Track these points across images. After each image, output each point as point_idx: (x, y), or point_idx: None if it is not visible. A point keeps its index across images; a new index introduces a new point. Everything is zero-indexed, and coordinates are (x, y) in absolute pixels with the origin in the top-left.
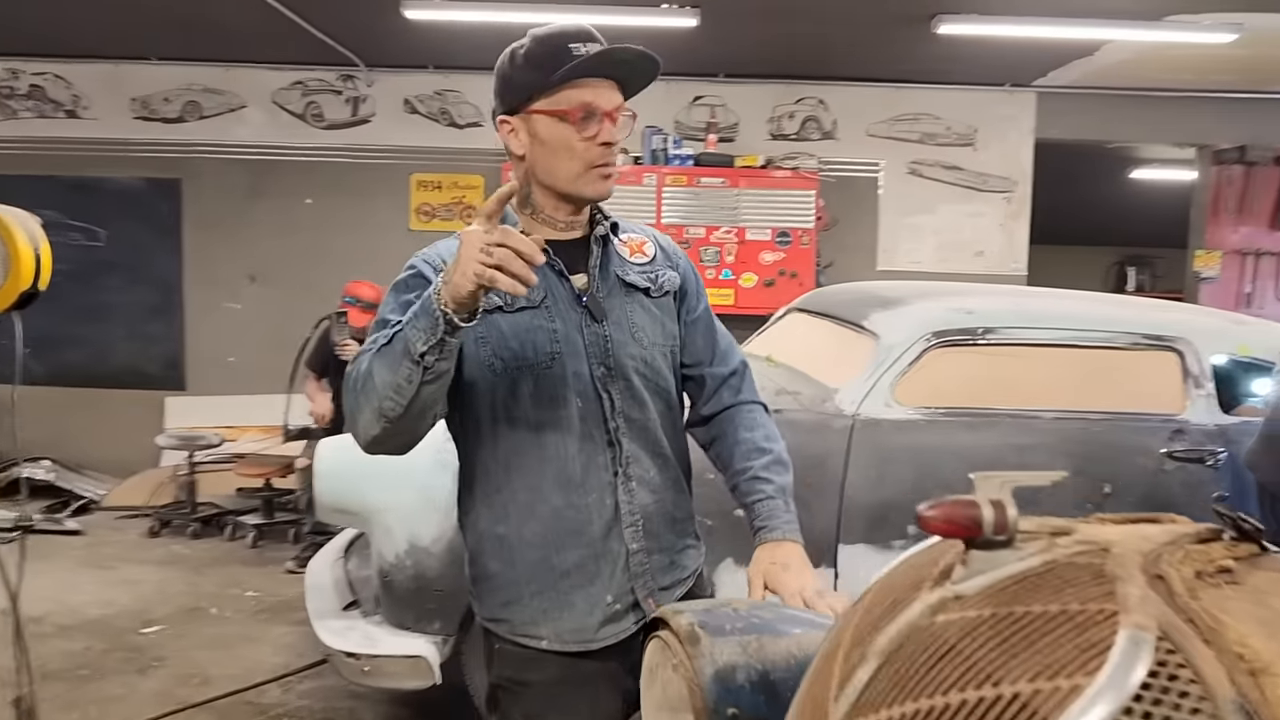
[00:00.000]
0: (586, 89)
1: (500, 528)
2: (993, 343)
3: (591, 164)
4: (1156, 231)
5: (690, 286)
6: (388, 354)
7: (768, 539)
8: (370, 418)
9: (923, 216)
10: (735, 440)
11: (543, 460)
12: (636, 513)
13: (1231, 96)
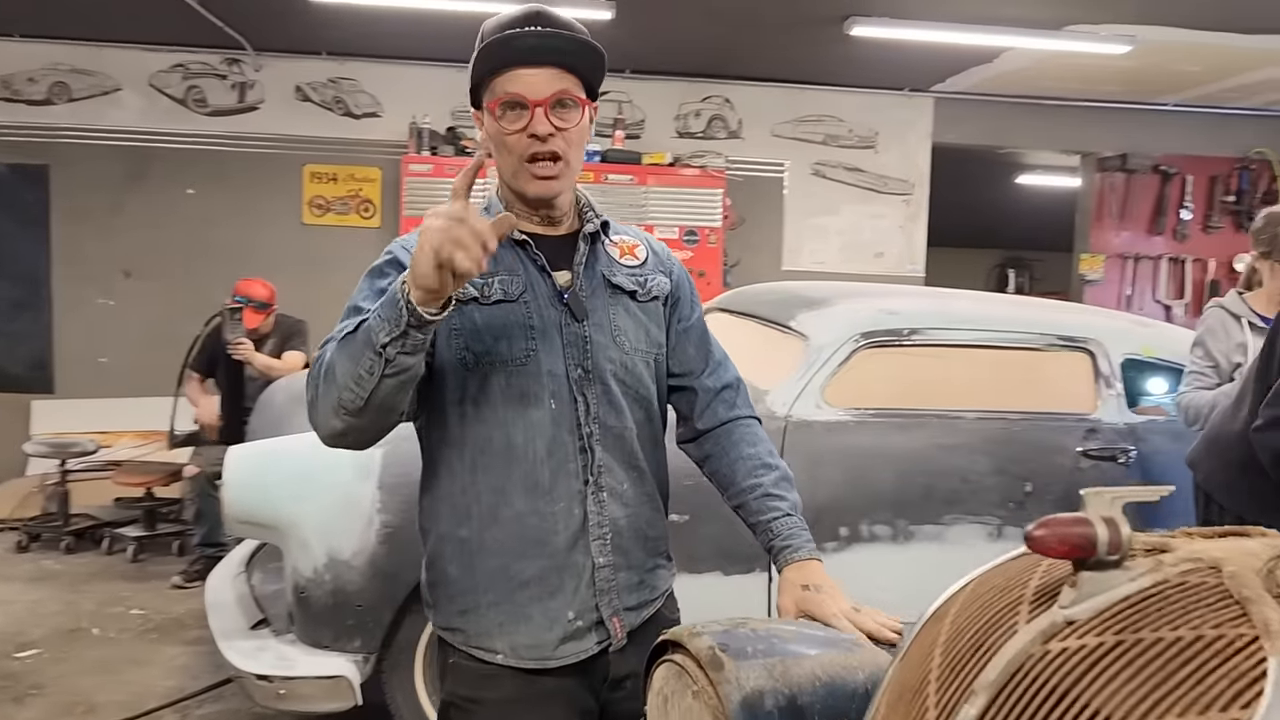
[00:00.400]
0: (519, 79)
1: (462, 530)
2: (918, 343)
3: (525, 158)
4: (1036, 235)
5: (683, 294)
6: (350, 343)
7: (793, 559)
8: (329, 409)
9: (826, 217)
10: (738, 456)
11: (510, 462)
12: (606, 525)
13: (1115, 106)
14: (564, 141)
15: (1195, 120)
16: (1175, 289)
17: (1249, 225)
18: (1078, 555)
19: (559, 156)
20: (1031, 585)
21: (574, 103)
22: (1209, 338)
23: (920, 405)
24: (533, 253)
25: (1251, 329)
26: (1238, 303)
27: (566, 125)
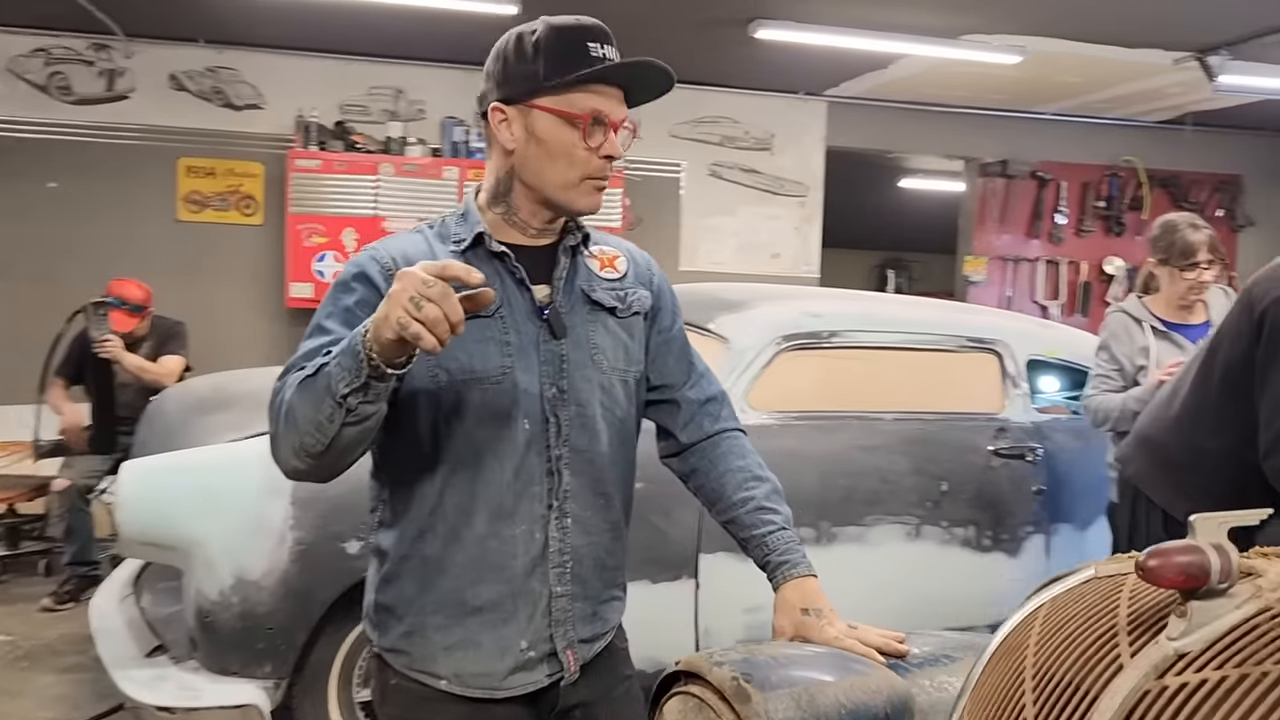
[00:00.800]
0: (599, 96)
1: (426, 548)
2: (838, 345)
3: (589, 175)
4: (916, 238)
5: (664, 304)
6: (310, 388)
7: (790, 576)
8: (290, 451)
9: (723, 218)
10: (726, 469)
11: (476, 481)
12: (567, 553)
13: (997, 114)
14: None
15: (1070, 129)
16: (1051, 290)
17: (1118, 229)
18: (1192, 585)
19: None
20: (1122, 614)
21: (628, 129)
22: (1113, 342)
23: (841, 407)
24: (511, 265)
25: (1154, 333)
26: (1139, 307)
27: (625, 149)
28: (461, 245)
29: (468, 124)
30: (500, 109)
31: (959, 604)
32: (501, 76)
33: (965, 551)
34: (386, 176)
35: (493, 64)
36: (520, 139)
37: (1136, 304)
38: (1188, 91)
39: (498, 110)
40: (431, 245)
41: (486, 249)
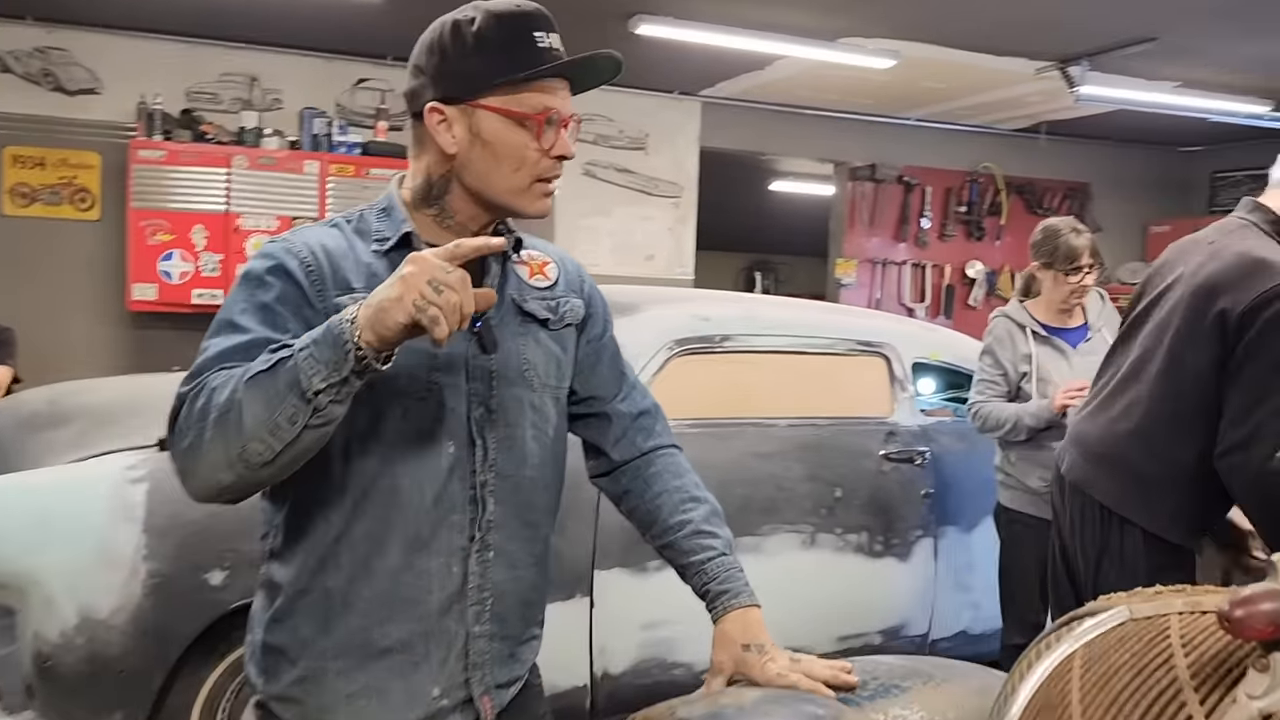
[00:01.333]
0: (550, 92)
1: (328, 581)
2: (730, 350)
3: (540, 178)
4: (785, 240)
5: (595, 310)
6: (264, 385)
7: (732, 606)
8: (221, 461)
9: (598, 218)
10: (661, 490)
11: (391, 508)
12: (487, 589)
13: (865, 119)
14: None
15: (934, 135)
16: (917, 293)
17: (978, 234)
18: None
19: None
20: (1180, 666)
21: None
22: (997, 347)
23: (734, 414)
24: None
25: (1035, 338)
26: (1021, 312)
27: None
28: (385, 245)
29: (329, 115)
30: (439, 109)
31: (853, 612)
32: (438, 73)
33: (858, 558)
34: (240, 170)
35: (426, 58)
36: (463, 141)
37: (1018, 308)
38: (1045, 101)
39: (436, 111)
40: (350, 241)
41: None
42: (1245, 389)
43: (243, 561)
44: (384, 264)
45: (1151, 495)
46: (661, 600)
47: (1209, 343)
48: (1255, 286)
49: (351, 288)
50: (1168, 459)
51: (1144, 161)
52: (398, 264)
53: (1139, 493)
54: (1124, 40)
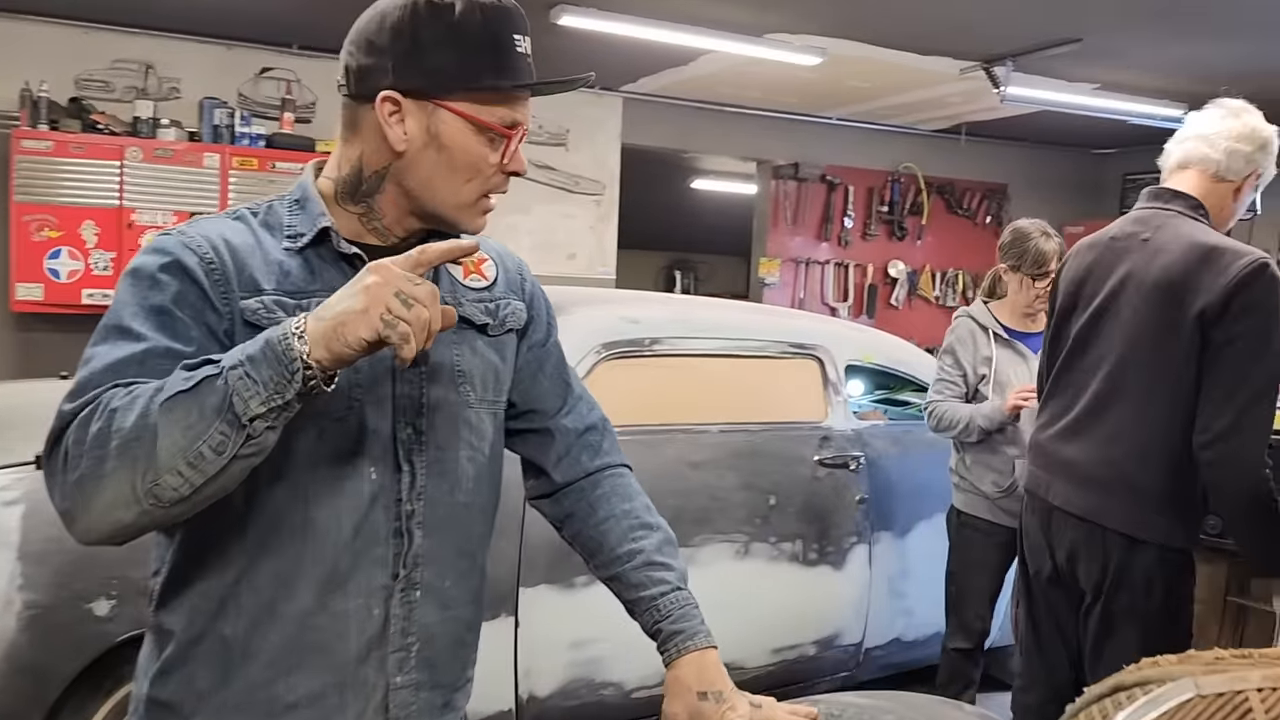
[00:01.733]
0: (519, 105)
1: (226, 627)
2: (659, 353)
3: (488, 193)
4: (706, 239)
5: (537, 313)
6: (186, 407)
7: (686, 649)
8: (125, 496)
9: (517, 216)
10: (608, 515)
11: (303, 543)
12: (413, 634)
13: (788, 118)
14: None
15: (856, 134)
16: (840, 292)
17: (900, 234)
18: None
19: None
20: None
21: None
22: (959, 347)
23: (665, 420)
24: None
25: (997, 340)
26: (985, 314)
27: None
28: (299, 241)
29: (230, 105)
30: (395, 100)
31: (788, 623)
32: (404, 59)
33: (793, 567)
34: (134, 162)
35: (390, 38)
36: (416, 140)
37: (982, 310)
38: (966, 101)
39: (390, 101)
40: (257, 235)
41: (333, 249)
42: (1225, 376)
43: (131, 590)
44: (297, 263)
45: (1170, 512)
46: (589, 617)
47: (1186, 340)
48: (1220, 273)
49: (260, 289)
50: (1177, 470)
51: (1059, 163)
52: (313, 264)
53: (1156, 512)
54: (1049, 41)
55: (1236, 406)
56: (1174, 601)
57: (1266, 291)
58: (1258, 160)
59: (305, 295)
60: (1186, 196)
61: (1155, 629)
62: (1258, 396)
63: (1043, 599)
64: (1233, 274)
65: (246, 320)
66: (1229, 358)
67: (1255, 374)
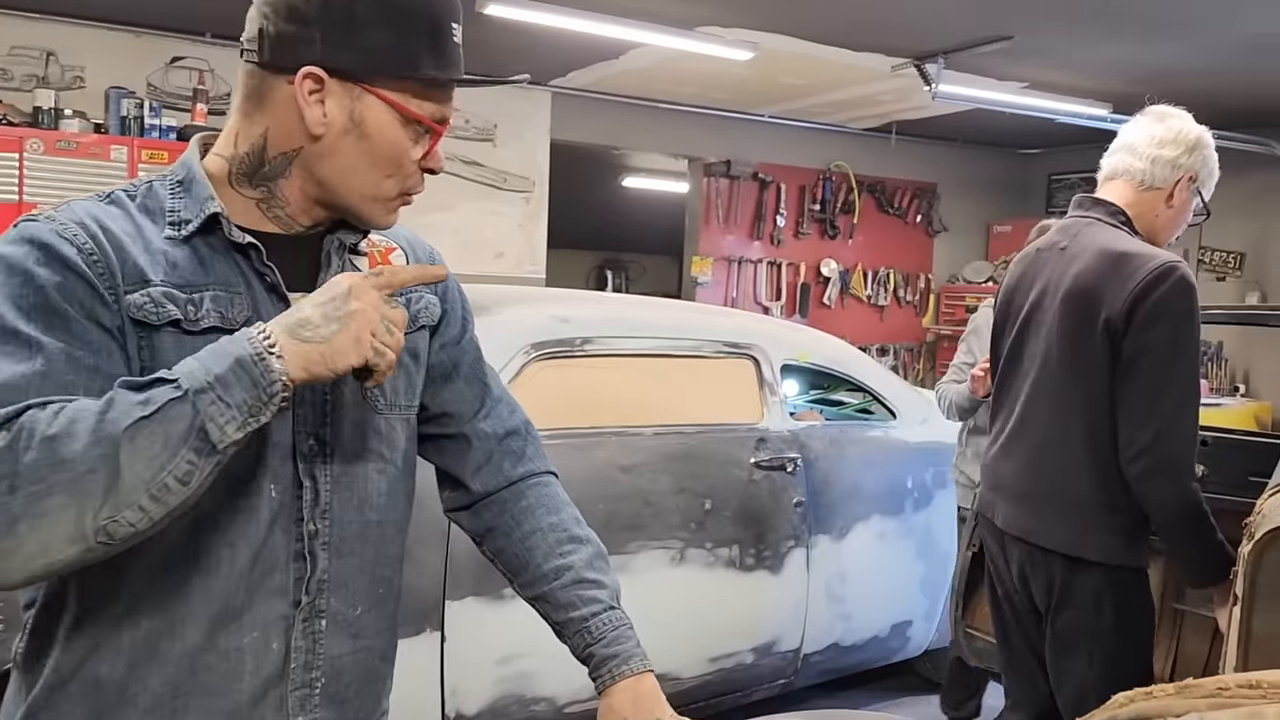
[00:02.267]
0: (447, 99)
1: (102, 667)
2: (591, 353)
3: (406, 191)
4: (634, 237)
5: (451, 309)
6: (150, 435)
7: (621, 674)
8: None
9: (442, 214)
10: (533, 529)
11: (193, 572)
12: (318, 668)
13: (720, 114)
14: None
15: (788, 132)
16: (773, 291)
17: (832, 232)
18: None
19: None
20: None
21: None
22: (974, 336)
23: (597, 423)
24: (260, 264)
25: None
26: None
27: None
28: (183, 229)
29: (139, 95)
30: (318, 77)
31: (725, 630)
32: (335, 34)
33: (729, 573)
34: (35, 155)
35: (319, 8)
36: (336, 124)
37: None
38: (898, 99)
39: (313, 78)
40: (136, 221)
41: (225, 238)
42: (1143, 388)
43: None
44: (183, 253)
45: (1108, 527)
46: (518, 631)
47: (1099, 349)
48: (1128, 280)
49: (147, 280)
50: (1106, 482)
51: (987, 163)
52: (202, 254)
53: (1094, 528)
54: (981, 39)
55: (1158, 417)
56: (1127, 619)
57: (1175, 295)
58: (1185, 164)
59: (197, 289)
60: (1107, 204)
61: (1111, 649)
62: (1179, 405)
63: (1011, 618)
64: (1137, 280)
65: (133, 318)
66: (1143, 368)
67: (1173, 381)
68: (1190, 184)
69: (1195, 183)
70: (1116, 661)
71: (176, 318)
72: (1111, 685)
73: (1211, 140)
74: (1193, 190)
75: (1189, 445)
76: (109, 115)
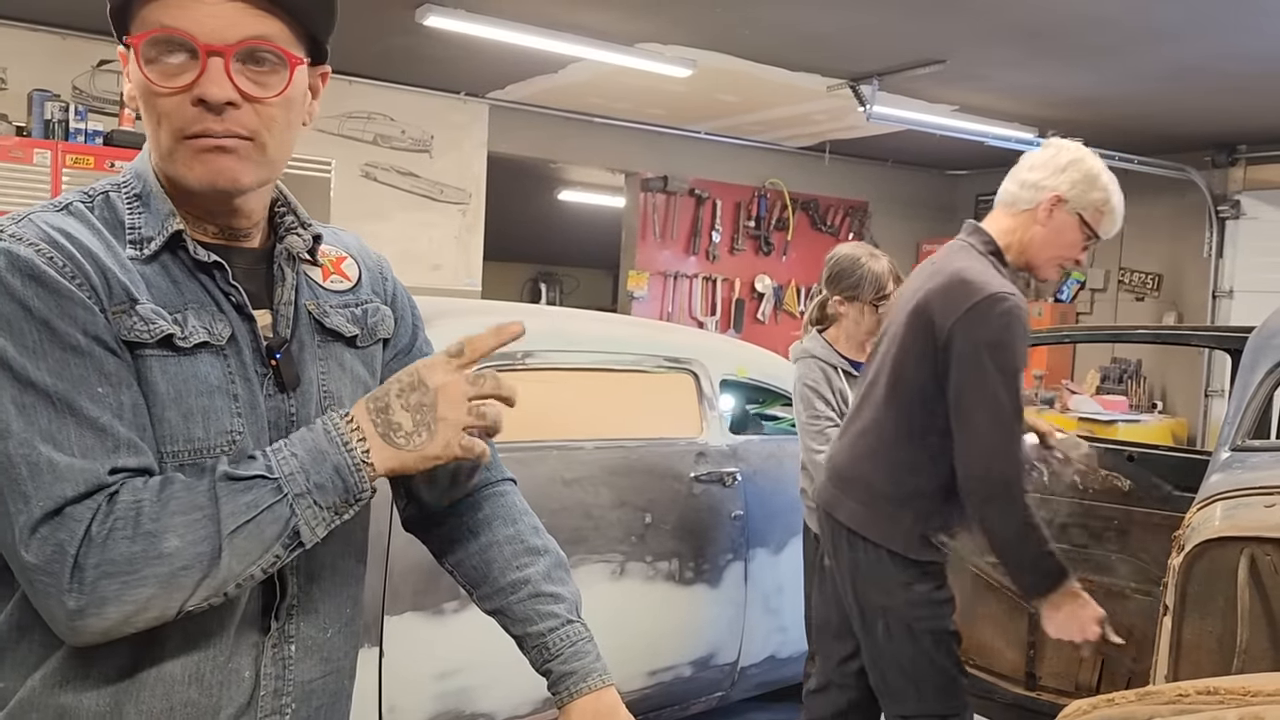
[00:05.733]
0: (176, 5)
1: (65, 695)
2: (531, 367)
3: (181, 133)
4: (569, 251)
5: (402, 316)
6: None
7: (580, 690)
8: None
9: (377, 224)
10: (490, 540)
11: None
12: (288, 694)
13: (656, 130)
14: (255, 117)
15: (724, 149)
16: (708, 306)
17: (766, 249)
18: None
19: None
20: None
21: (276, 58)
22: (820, 388)
23: (538, 437)
24: (226, 284)
25: (846, 376)
26: (829, 351)
27: (262, 92)
28: (146, 248)
29: (64, 98)
30: (123, 54)
31: (663, 644)
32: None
33: (669, 586)
34: None
35: None
36: (133, 94)
37: (825, 348)
38: (832, 119)
39: (121, 55)
40: (104, 236)
41: (189, 256)
42: (954, 400)
43: None
44: (153, 270)
45: (887, 514)
46: (457, 645)
47: (926, 360)
48: (959, 303)
49: (133, 299)
50: (899, 478)
51: (917, 183)
52: (172, 273)
53: (876, 512)
54: (914, 62)
55: (982, 446)
56: (917, 604)
57: (995, 327)
58: (1050, 184)
59: (177, 310)
60: (982, 232)
61: (902, 628)
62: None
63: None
64: (963, 307)
65: (124, 339)
66: (953, 383)
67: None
68: (1060, 204)
69: (1067, 204)
70: (914, 640)
71: (169, 333)
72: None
73: (1097, 168)
74: (1068, 211)
75: (1016, 468)
76: (32, 118)
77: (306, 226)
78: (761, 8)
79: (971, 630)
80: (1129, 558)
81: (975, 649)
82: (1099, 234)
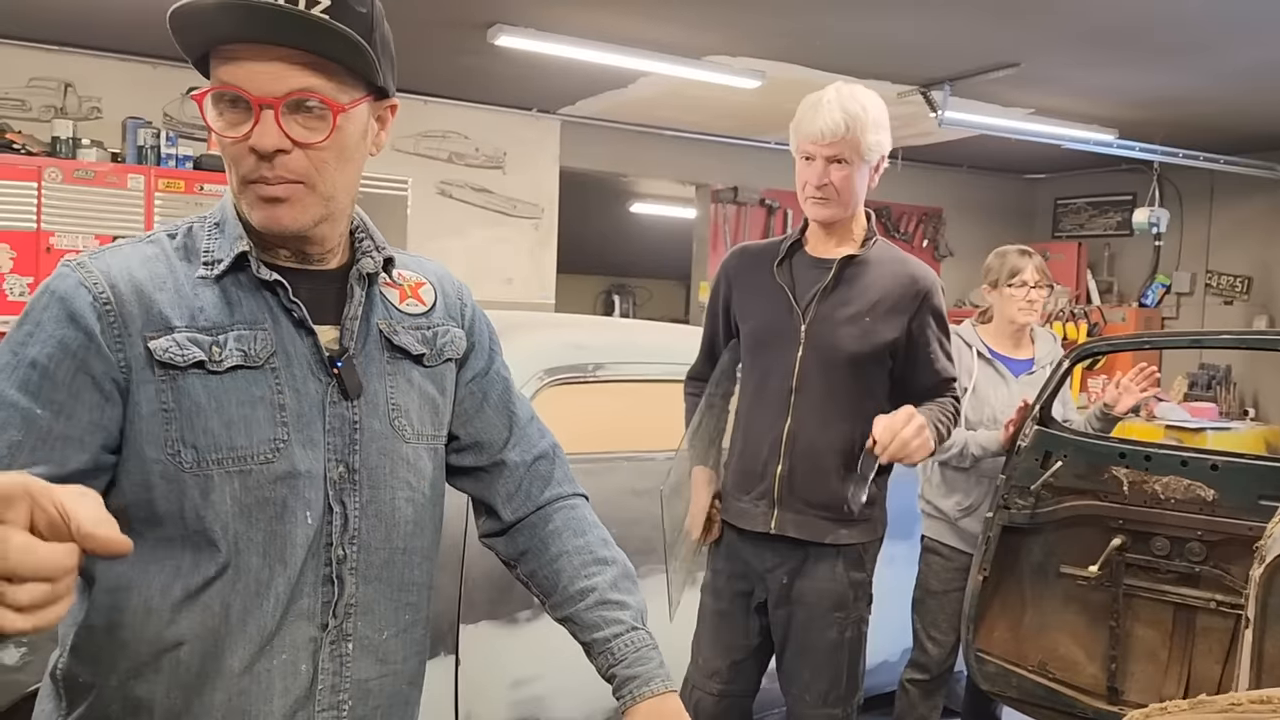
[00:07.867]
0: (232, 62)
1: (141, 688)
2: (605, 379)
3: (245, 179)
4: (641, 262)
5: (479, 341)
6: None
7: (642, 695)
8: None
9: (452, 240)
10: (560, 551)
11: (232, 596)
12: (345, 691)
13: (726, 141)
14: (306, 161)
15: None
16: None
17: None
18: None
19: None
20: None
21: (322, 107)
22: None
23: (610, 448)
24: (287, 300)
25: (979, 358)
26: (971, 333)
27: (311, 138)
28: (215, 269)
29: (156, 125)
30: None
31: None
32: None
33: None
34: (53, 184)
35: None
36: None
37: (970, 330)
38: (904, 126)
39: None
40: (171, 264)
41: (253, 276)
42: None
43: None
44: (214, 293)
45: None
46: (531, 654)
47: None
48: None
49: (170, 326)
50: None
51: (992, 188)
52: (231, 294)
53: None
54: (987, 66)
55: None
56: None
57: None
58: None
59: (221, 331)
60: None
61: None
62: None
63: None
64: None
65: (157, 359)
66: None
67: None
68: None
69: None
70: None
71: (201, 359)
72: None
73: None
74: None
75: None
76: (126, 145)
77: (380, 250)
78: (830, 17)
79: (1051, 643)
80: (1212, 569)
81: (1055, 662)
82: (800, 149)
